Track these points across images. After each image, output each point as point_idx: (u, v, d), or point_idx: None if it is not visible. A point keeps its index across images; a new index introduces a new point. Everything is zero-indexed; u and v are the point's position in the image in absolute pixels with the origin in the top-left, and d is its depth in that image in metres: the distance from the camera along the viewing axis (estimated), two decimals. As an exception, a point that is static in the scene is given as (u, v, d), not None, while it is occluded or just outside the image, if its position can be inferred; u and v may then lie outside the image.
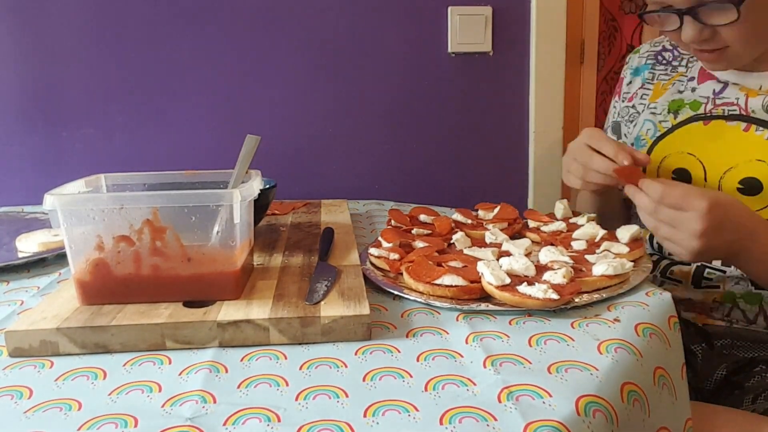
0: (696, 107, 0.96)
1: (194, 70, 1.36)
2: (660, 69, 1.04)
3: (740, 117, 0.91)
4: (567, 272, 0.72)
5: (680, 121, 0.97)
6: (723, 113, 0.93)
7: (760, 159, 0.88)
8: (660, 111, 1.01)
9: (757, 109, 0.90)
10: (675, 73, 1.03)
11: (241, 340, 0.63)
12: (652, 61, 1.06)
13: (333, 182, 1.44)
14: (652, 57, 1.07)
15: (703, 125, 0.94)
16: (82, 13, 1.31)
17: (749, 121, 0.90)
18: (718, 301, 0.93)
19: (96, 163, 1.37)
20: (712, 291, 0.94)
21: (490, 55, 1.44)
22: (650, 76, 1.05)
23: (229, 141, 1.09)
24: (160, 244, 0.68)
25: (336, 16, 1.37)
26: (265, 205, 0.99)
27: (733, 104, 0.92)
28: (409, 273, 0.75)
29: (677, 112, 0.98)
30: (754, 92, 0.91)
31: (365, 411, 0.51)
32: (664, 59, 1.05)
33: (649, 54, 1.08)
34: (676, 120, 0.98)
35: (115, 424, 0.50)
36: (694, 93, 0.98)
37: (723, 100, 0.94)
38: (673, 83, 1.01)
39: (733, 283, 0.92)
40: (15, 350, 0.62)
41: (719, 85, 0.95)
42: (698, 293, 0.95)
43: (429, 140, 1.45)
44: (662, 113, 1.00)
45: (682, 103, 0.98)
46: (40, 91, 1.34)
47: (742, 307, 0.92)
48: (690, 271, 0.95)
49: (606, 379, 0.55)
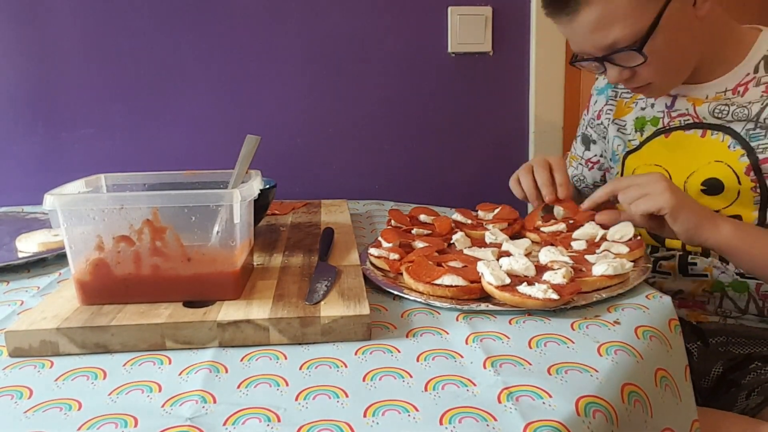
0: (656, 123, 1.02)
1: (194, 71, 1.36)
2: (621, 87, 1.10)
3: (695, 125, 0.96)
4: (567, 272, 0.72)
5: (646, 138, 1.03)
6: (680, 124, 0.98)
7: (718, 160, 0.92)
8: (628, 130, 1.07)
9: (706, 115, 0.95)
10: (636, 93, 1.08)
11: (241, 340, 0.63)
12: None
13: (333, 182, 1.44)
14: None
15: (665, 138, 1.00)
16: (83, 13, 1.31)
17: (703, 127, 0.95)
18: (707, 291, 0.95)
19: (96, 163, 1.37)
20: (701, 280, 0.96)
21: (490, 55, 1.44)
22: (613, 93, 1.11)
23: (229, 141, 1.09)
24: (160, 244, 0.68)
25: (336, 16, 1.37)
26: (265, 205, 0.99)
27: (686, 114, 0.97)
28: (409, 273, 0.75)
29: (642, 130, 1.04)
30: (701, 101, 0.95)
31: (365, 411, 0.51)
32: None
33: None
34: (642, 137, 1.04)
35: (115, 424, 0.50)
36: (653, 109, 1.03)
37: (677, 112, 0.99)
38: (635, 101, 1.06)
39: (719, 272, 0.95)
40: (15, 350, 0.62)
41: (669, 98, 1.00)
42: (688, 282, 0.97)
43: (429, 140, 1.46)
44: (630, 132, 1.06)
45: (644, 121, 1.04)
46: (41, 92, 1.34)
47: (731, 295, 0.94)
48: (675, 263, 0.98)
49: (606, 380, 0.55)
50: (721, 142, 0.93)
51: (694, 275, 0.97)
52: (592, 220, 0.93)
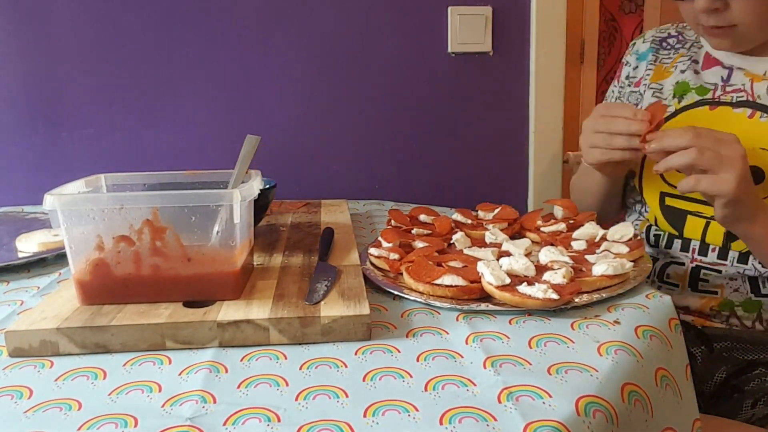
0: (703, 92, 0.95)
1: (194, 71, 1.36)
2: (663, 53, 1.04)
3: (747, 103, 0.90)
4: (567, 272, 0.72)
5: (684, 106, 0.96)
6: (731, 100, 0.92)
7: (763, 147, 0.87)
8: (665, 94, 0.99)
9: (763, 94, 0.90)
10: (677, 54, 1.02)
11: (241, 340, 0.63)
12: (656, 46, 1.06)
13: (333, 182, 1.44)
14: (656, 42, 1.06)
15: (708, 110, 0.93)
16: (83, 13, 1.31)
17: (755, 107, 0.90)
18: (715, 309, 0.93)
19: (96, 163, 1.37)
20: (710, 297, 0.93)
21: (490, 55, 1.44)
22: (653, 58, 1.05)
23: (229, 141, 1.09)
24: (160, 244, 0.68)
25: (336, 16, 1.37)
26: (265, 205, 0.99)
27: (741, 90, 0.92)
28: (409, 273, 0.75)
29: (682, 97, 0.97)
30: (759, 77, 0.91)
31: (365, 411, 0.51)
32: (668, 44, 1.05)
33: (653, 39, 1.07)
34: (680, 104, 0.97)
35: (115, 424, 0.50)
36: (698, 77, 0.97)
37: (732, 87, 0.93)
38: (675, 65, 1.00)
39: (731, 290, 0.92)
40: (15, 350, 0.62)
41: (725, 71, 0.94)
42: (696, 299, 0.94)
43: (429, 140, 1.45)
44: (667, 97, 0.99)
45: (687, 87, 0.97)
46: (41, 92, 1.34)
47: (740, 315, 0.92)
48: (686, 272, 0.94)
49: (606, 380, 0.55)
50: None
51: (703, 291, 0.93)
52: (592, 219, 0.93)
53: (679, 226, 0.95)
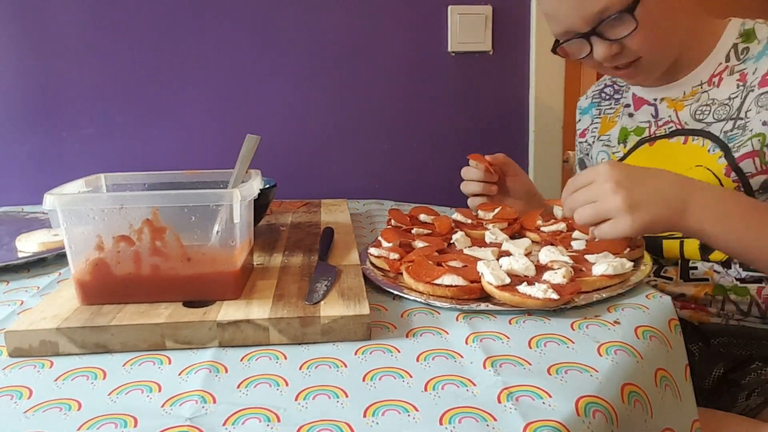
0: (640, 132, 1.03)
1: (194, 70, 1.36)
2: (605, 104, 1.13)
3: (678, 131, 0.97)
4: (567, 272, 0.72)
5: (630, 148, 1.04)
6: (665, 132, 0.99)
7: (698, 164, 0.92)
8: (613, 143, 1.08)
9: (688, 119, 0.95)
10: (618, 105, 1.10)
11: (241, 340, 0.63)
12: (598, 99, 1.15)
13: (333, 182, 1.44)
14: (597, 95, 1.16)
15: (649, 146, 1.00)
16: (83, 13, 1.31)
17: (686, 133, 0.96)
18: (710, 295, 0.95)
19: (96, 162, 1.37)
20: (703, 284, 0.95)
21: (490, 54, 1.44)
22: (597, 111, 1.14)
23: (229, 140, 1.09)
24: (159, 243, 0.68)
25: (336, 16, 1.37)
26: (265, 204, 0.99)
27: (670, 122, 0.98)
28: (409, 273, 0.75)
29: (625, 141, 1.05)
30: (681, 104, 0.97)
31: (365, 411, 0.51)
32: (606, 95, 1.14)
33: (594, 93, 1.17)
34: (626, 149, 1.04)
35: (115, 424, 0.50)
36: (633, 120, 1.04)
37: (662, 120, 1.00)
38: (618, 115, 1.08)
39: (720, 277, 0.94)
40: (15, 350, 0.62)
41: (651, 107, 1.01)
42: (690, 287, 0.96)
43: (429, 140, 1.46)
44: (615, 145, 1.07)
45: (627, 132, 1.05)
46: (41, 91, 1.34)
47: (733, 299, 0.93)
48: (677, 268, 0.97)
49: (606, 381, 0.55)
50: (701, 147, 0.93)
51: (695, 279, 0.96)
52: None
53: (658, 250, 0.99)
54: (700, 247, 0.94)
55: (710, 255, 0.94)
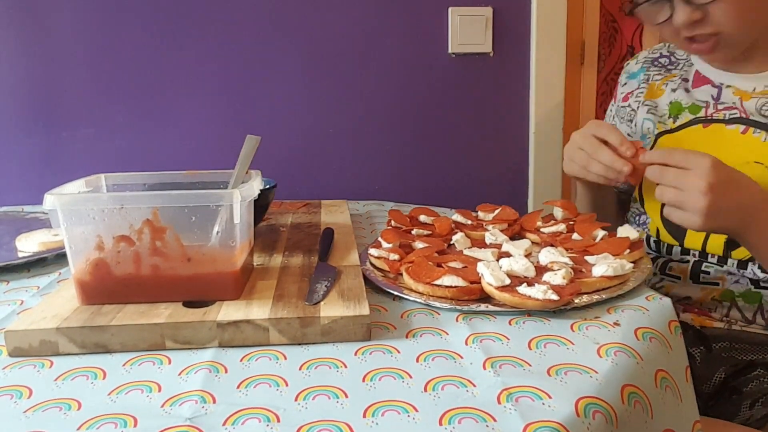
0: (695, 111, 0.97)
1: (195, 70, 1.36)
2: (654, 71, 1.07)
3: (740, 120, 0.92)
4: (567, 273, 0.72)
5: (680, 125, 0.98)
6: (724, 117, 0.94)
7: (757, 161, 0.88)
8: (660, 113, 1.02)
9: (753, 111, 0.91)
10: (669, 74, 1.05)
11: (241, 340, 0.63)
12: (648, 65, 1.09)
13: (333, 182, 1.44)
14: (648, 62, 1.10)
15: (702, 128, 0.95)
16: (83, 12, 1.31)
17: (747, 123, 0.91)
18: (716, 300, 0.94)
19: (96, 162, 1.37)
20: (711, 288, 0.94)
21: (490, 56, 1.44)
22: (645, 77, 1.08)
23: (229, 141, 1.09)
24: (160, 244, 0.68)
25: (337, 17, 1.37)
26: (265, 205, 0.99)
27: (733, 108, 0.94)
28: (408, 273, 0.75)
29: (677, 116, 0.99)
30: (748, 95, 0.92)
31: (365, 411, 0.51)
32: (659, 64, 1.08)
33: (645, 59, 1.11)
34: (675, 124, 0.99)
35: (115, 423, 0.50)
36: (689, 96, 0.99)
37: (723, 105, 0.95)
38: (666, 83, 1.03)
39: (732, 281, 0.92)
40: (15, 350, 0.62)
41: (714, 89, 0.96)
42: (697, 290, 0.95)
43: (429, 141, 1.46)
44: (662, 116, 1.02)
45: (681, 107, 0.99)
46: (41, 91, 1.34)
47: (740, 305, 0.92)
48: (688, 267, 0.95)
49: (606, 382, 0.55)
50: (762, 142, 0.88)
51: (704, 283, 0.94)
52: (592, 220, 0.93)
53: (680, 237, 0.97)
54: (726, 242, 0.91)
55: (733, 252, 0.91)
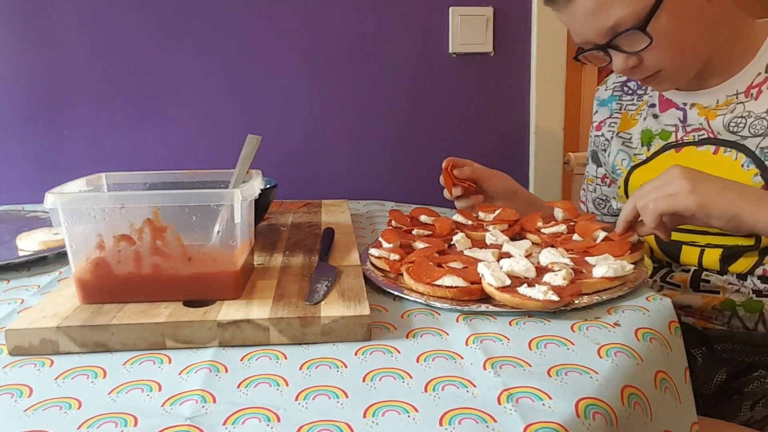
0: (666, 137, 0.98)
1: (196, 70, 1.36)
2: (627, 99, 1.07)
3: (709, 140, 0.92)
4: (567, 274, 0.72)
5: (653, 153, 0.99)
6: (693, 139, 0.94)
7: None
8: (634, 143, 1.02)
9: (721, 129, 0.91)
10: (641, 102, 1.04)
11: (241, 339, 0.63)
12: (619, 92, 1.09)
13: (333, 182, 1.44)
14: (618, 88, 1.09)
15: (675, 153, 0.96)
16: (84, 12, 1.31)
17: (717, 143, 0.91)
18: (717, 309, 0.93)
19: (97, 161, 1.37)
20: (712, 296, 0.93)
21: (491, 56, 1.44)
22: (617, 106, 1.07)
23: (230, 141, 1.09)
24: (160, 243, 0.68)
25: (337, 17, 1.37)
26: (265, 204, 0.99)
27: (700, 129, 0.93)
28: (409, 274, 0.75)
29: (650, 144, 1.00)
30: (713, 113, 0.92)
31: (365, 411, 0.51)
32: (629, 89, 1.07)
33: (615, 85, 1.10)
34: (649, 152, 1.00)
35: (115, 423, 0.50)
36: (658, 122, 0.99)
37: (691, 127, 0.95)
38: (640, 113, 1.03)
39: (733, 290, 0.92)
40: (15, 349, 0.62)
41: (680, 112, 0.96)
42: (697, 298, 0.94)
43: (430, 140, 1.46)
44: (636, 146, 1.02)
45: (651, 134, 0.99)
46: (42, 90, 1.34)
47: (741, 315, 0.92)
48: (688, 276, 0.95)
49: (606, 383, 0.55)
50: (734, 161, 0.88)
51: (705, 291, 0.94)
52: (593, 220, 0.93)
53: (675, 256, 0.97)
54: (720, 258, 0.91)
55: (730, 267, 0.91)
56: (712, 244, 0.93)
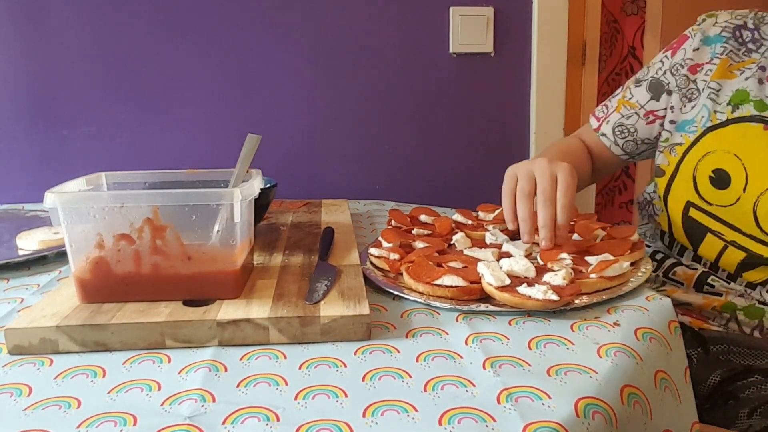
0: (762, 108, 0.85)
1: (195, 69, 1.36)
2: (733, 46, 0.92)
3: None
4: (567, 273, 0.72)
5: (738, 117, 0.87)
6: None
7: None
8: (720, 99, 0.90)
9: None
10: (748, 58, 0.90)
11: (241, 339, 0.63)
12: (728, 35, 0.93)
13: (333, 182, 1.44)
14: (729, 30, 0.93)
15: (762, 129, 0.84)
16: (84, 11, 1.31)
17: None
18: (717, 310, 0.93)
19: (97, 161, 1.37)
20: (713, 298, 0.93)
21: (491, 56, 1.44)
22: (721, 50, 0.92)
23: (229, 140, 1.09)
24: (160, 242, 0.68)
25: (337, 16, 1.37)
26: (265, 204, 0.99)
27: None
28: (409, 273, 0.75)
29: (738, 106, 0.87)
30: None
31: (364, 411, 0.51)
32: (741, 37, 0.92)
33: (727, 25, 0.94)
34: (733, 114, 0.87)
35: (114, 422, 0.50)
36: (761, 88, 0.86)
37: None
38: (742, 69, 0.89)
39: (736, 294, 0.91)
40: (15, 348, 0.62)
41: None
42: (699, 298, 0.94)
43: (430, 140, 1.46)
44: (722, 102, 0.89)
45: (746, 97, 0.87)
46: (41, 89, 1.34)
47: (740, 319, 0.91)
48: (694, 274, 0.94)
49: (605, 382, 0.55)
50: None
51: (708, 293, 0.93)
52: (593, 219, 0.93)
53: (696, 240, 0.92)
54: (740, 263, 0.88)
55: (745, 273, 0.88)
56: (737, 243, 0.88)
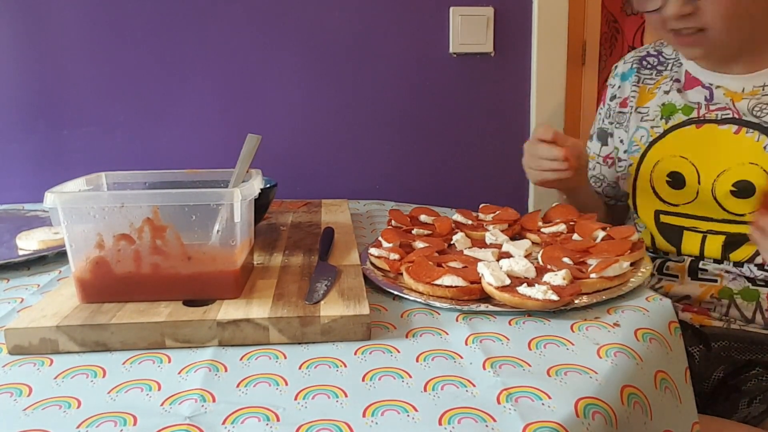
0: (688, 112, 0.98)
1: (196, 69, 1.36)
2: (645, 73, 1.07)
3: (732, 120, 0.93)
4: (567, 274, 0.72)
5: (672, 126, 0.99)
6: (716, 117, 0.95)
7: (752, 162, 0.90)
8: (652, 116, 1.02)
9: (745, 111, 0.92)
10: (660, 77, 1.05)
11: (241, 339, 0.63)
12: (637, 66, 1.09)
13: (333, 182, 1.44)
14: (636, 62, 1.09)
15: (695, 129, 0.97)
16: (84, 11, 1.31)
17: (740, 123, 0.92)
18: (715, 297, 0.94)
19: (97, 161, 1.37)
20: (710, 285, 0.95)
21: (491, 56, 1.43)
22: (636, 79, 1.08)
23: (230, 140, 1.09)
24: (160, 242, 0.68)
25: (338, 16, 1.37)
26: (265, 204, 0.99)
27: (726, 108, 0.94)
28: (409, 273, 0.75)
29: (669, 117, 1.00)
30: (739, 96, 0.94)
31: (364, 411, 0.51)
32: (648, 63, 1.08)
33: (633, 59, 1.10)
34: (667, 125, 1.00)
35: (114, 422, 0.50)
36: (682, 97, 0.99)
37: (716, 105, 0.96)
38: (659, 86, 1.04)
39: (730, 278, 0.94)
40: (15, 348, 0.62)
41: (706, 90, 0.97)
42: (695, 287, 0.96)
43: (430, 140, 1.45)
44: (654, 119, 1.02)
45: (674, 108, 1.00)
46: (42, 89, 1.34)
47: (739, 303, 0.93)
48: (685, 265, 0.97)
49: (605, 382, 0.55)
50: (756, 142, 0.90)
51: (703, 279, 0.96)
52: (593, 220, 0.93)
53: (676, 242, 0.98)
54: (723, 245, 0.93)
55: (731, 254, 0.93)
56: (714, 230, 0.95)
